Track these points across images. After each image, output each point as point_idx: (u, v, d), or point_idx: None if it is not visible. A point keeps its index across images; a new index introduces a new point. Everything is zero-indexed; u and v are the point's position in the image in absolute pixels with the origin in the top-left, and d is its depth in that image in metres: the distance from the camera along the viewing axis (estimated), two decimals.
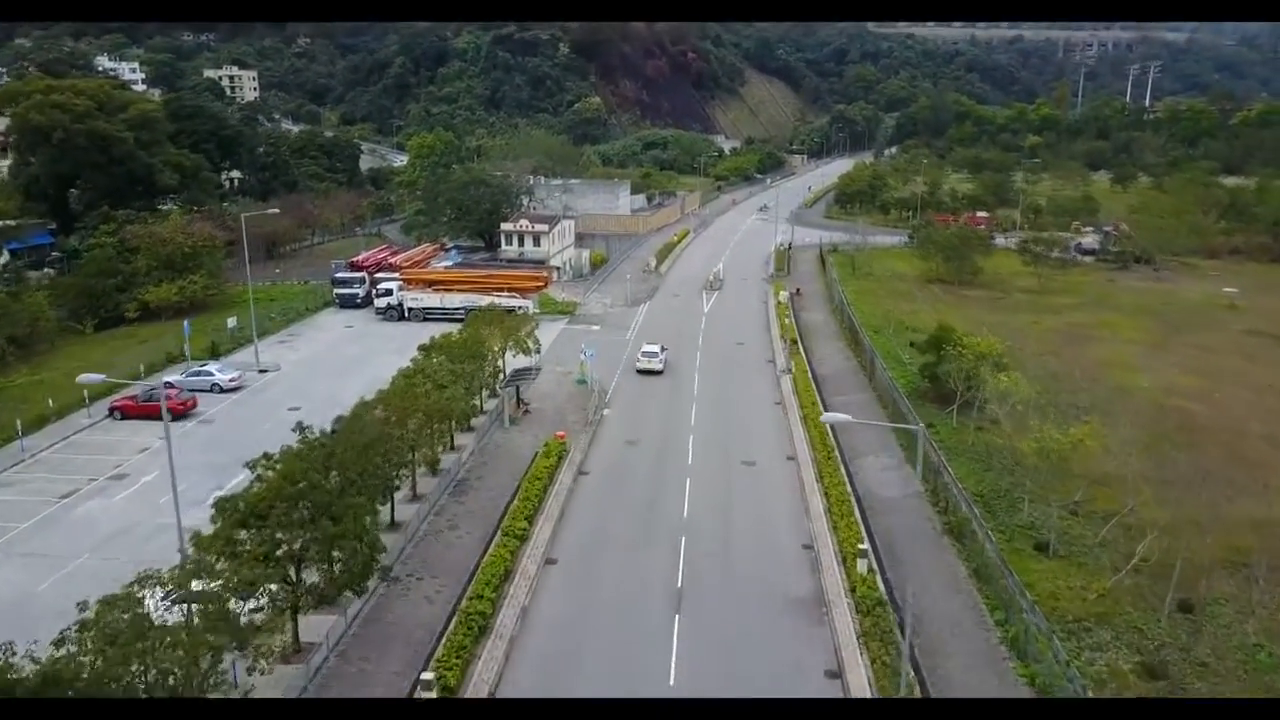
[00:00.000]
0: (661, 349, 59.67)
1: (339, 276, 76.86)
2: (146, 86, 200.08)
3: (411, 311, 70.84)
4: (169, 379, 52.64)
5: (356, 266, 79.67)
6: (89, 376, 29.18)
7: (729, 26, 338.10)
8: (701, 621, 29.92)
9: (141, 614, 19.63)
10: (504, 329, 50.38)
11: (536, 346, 52.61)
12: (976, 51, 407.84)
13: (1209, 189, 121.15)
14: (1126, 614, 29.87)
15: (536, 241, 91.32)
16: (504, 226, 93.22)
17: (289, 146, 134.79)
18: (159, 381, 52.44)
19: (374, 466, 30.48)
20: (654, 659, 27.89)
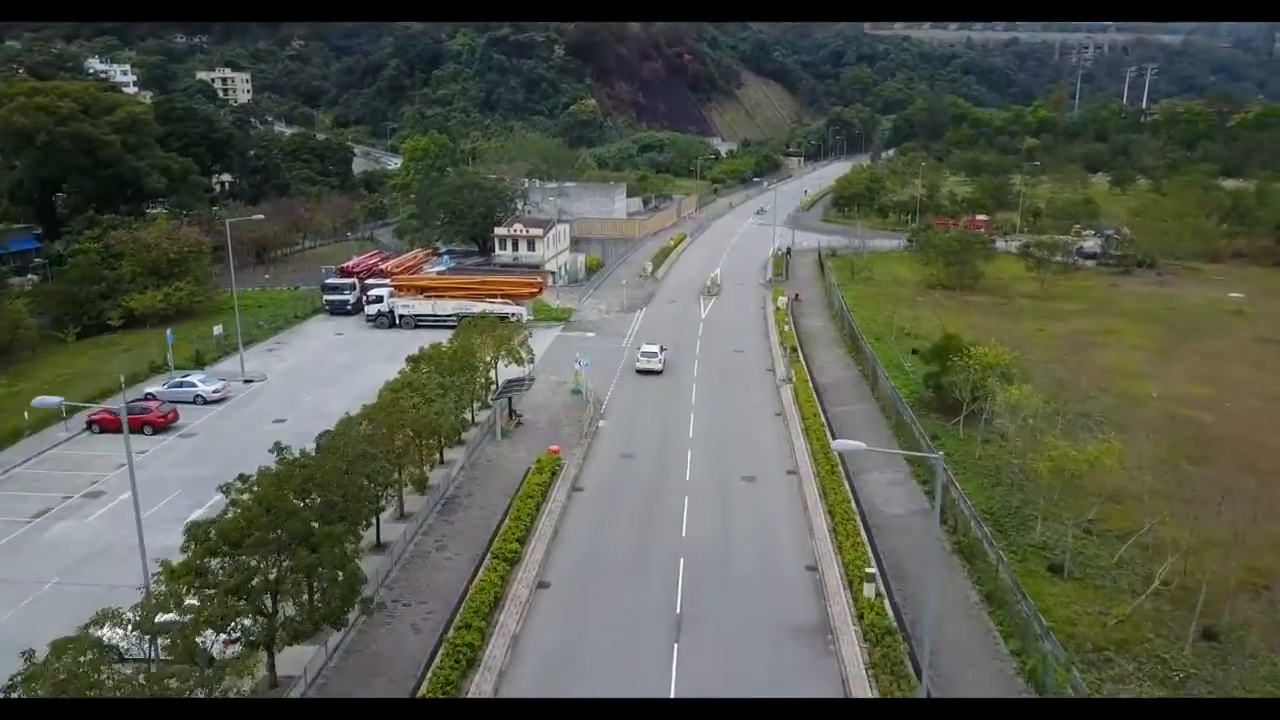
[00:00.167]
0: (661, 349, 60.20)
1: (329, 282, 75.36)
2: (138, 89, 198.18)
3: (402, 318, 69.35)
4: (150, 390, 51.10)
5: (347, 272, 78.17)
6: (44, 400, 27.51)
7: (725, 28, 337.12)
8: (702, 651, 28.41)
9: (94, 659, 18.08)
10: (496, 338, 48.84)
11: (530, 356, 51.04)
12: (973, 54, 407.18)
13: (1210, 192, 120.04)
14: (1148, 641, 28.46)
15: (531, 246, 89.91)
16: (498, 231, 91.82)
17: (281, 149, 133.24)
18: (142, 393, 51.33)
19: (357, 488, 28.94)
20: (652, 692, 26.39)
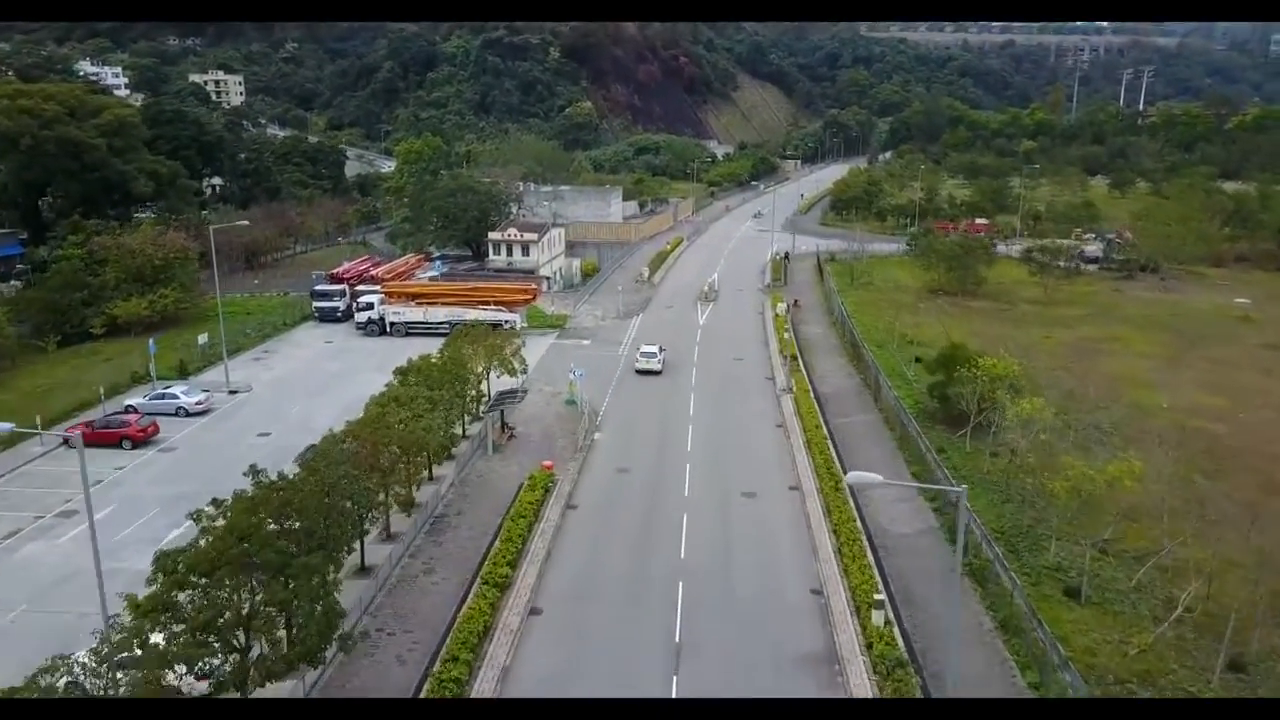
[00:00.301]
0: (660, 349, 60.00)
1: (318, 289, 73.72)
2: (130, 91, 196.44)
3: (393, 326, 67.76)
4: (130, 402, 49.47)
5: (337, 278, 76.49)
6: None
7: (721, 31, 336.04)
8: (702, 683, 26.88)
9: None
10: (487, 348, 47.31)
11: (523, 366, 49.52)
12: (969, 56, 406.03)
13: (1212, 195, 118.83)
14: (1172, 673, 27.02)
15: (525, 251, 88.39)
16: (491, 236, 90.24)
17: (273, 152, 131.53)
18: (122, 405, 49.72)
19: (339, 513, 27.39)
20: None
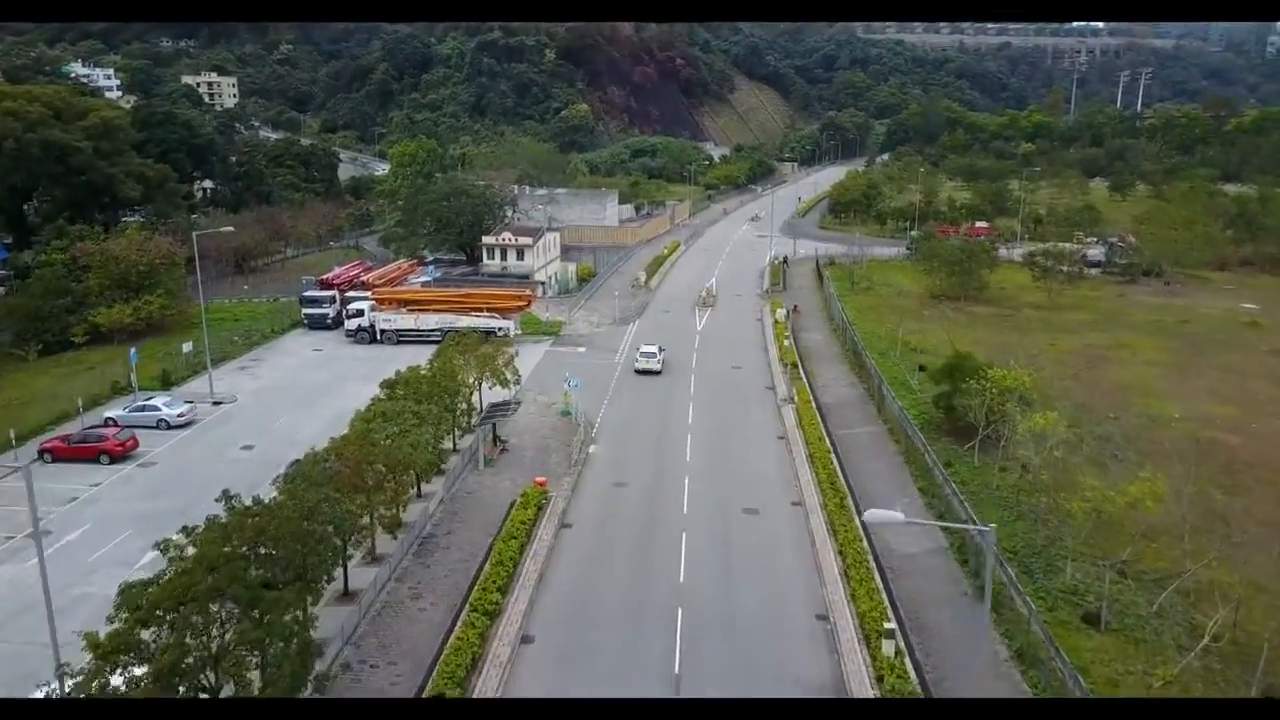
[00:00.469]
0: (660, 349, 59.31)
1: (308, 295, 72.00)
2: (122, 93, 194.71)
3: (384, 334, 66.18)
4: (110, 415, 47.84)
5: (327, 284, 74.78)
6: None
7: (717, 32, 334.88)
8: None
9: None
10: (480, 358, 45.76)
11: (516, 377, 47.95)
12: (965, 58, 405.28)
13: (1214, 198, 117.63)
14: None
15: (520, 255, 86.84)
16: (486, 240, 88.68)
17: (264, 155, 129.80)
18: (102, 417, 48.14)
19: (318, 539, 25.86)
20: None
